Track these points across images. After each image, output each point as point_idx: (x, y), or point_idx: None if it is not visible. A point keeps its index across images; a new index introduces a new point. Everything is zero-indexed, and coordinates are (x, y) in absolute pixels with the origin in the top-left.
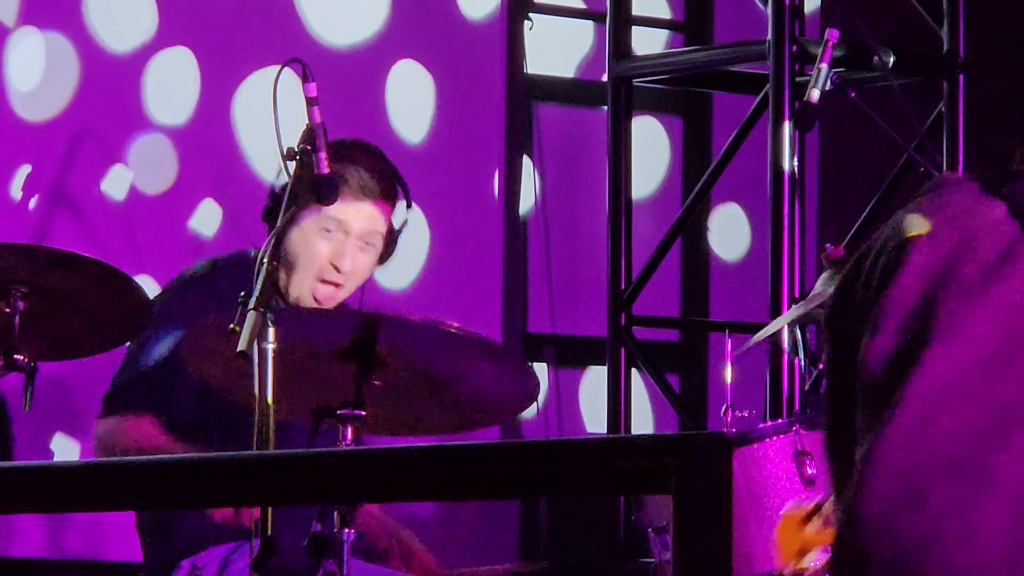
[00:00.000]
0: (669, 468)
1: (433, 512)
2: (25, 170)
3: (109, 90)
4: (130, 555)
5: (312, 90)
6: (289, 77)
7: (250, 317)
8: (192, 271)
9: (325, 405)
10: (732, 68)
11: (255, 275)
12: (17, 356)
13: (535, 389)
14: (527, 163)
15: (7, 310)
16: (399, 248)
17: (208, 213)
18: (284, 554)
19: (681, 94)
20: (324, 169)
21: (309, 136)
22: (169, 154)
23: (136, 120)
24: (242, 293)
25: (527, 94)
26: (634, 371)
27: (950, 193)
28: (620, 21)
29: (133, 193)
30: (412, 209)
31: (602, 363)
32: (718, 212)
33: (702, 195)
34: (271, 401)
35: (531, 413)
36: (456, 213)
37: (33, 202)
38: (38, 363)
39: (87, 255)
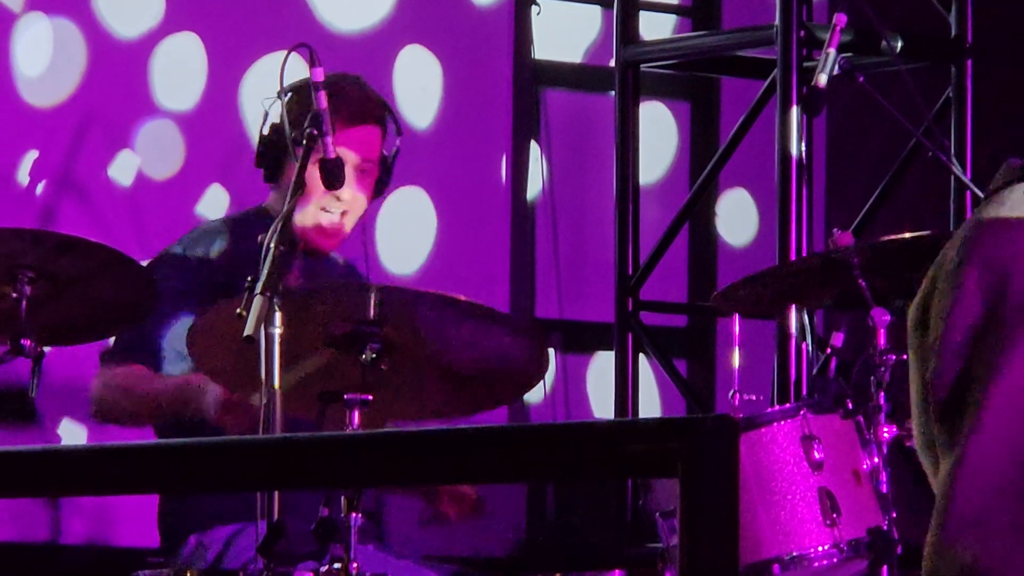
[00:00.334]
0: (676, 452)
1: None
2: (32, 155)
3: (116, 76)
4: (137, 541)
5: (319, 75)
6: (296, 62)
7: (257, 301)
8: (200, 230)
9: (331, 390)
10: (740, 53)
11: (262, 259)
12: (24, 341)
13: (545, 358)
14: (534, 148)
15: (14, 295)
16: (406, 233)
17: (215, 198)
18: (291, 539)
19: (688, 79)
20: (331, 153)
21: (316, 120)
22: (176, 140)
23: (143, 105)
24: (248, 278)
25: (534, 79)
26: (641, 356)
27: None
28: (627, 6)
29: (140, 178)
30: (402, 136)
31: (609, 348)
32: (725, 197)
33: (709, 180)
34: (278, 386)
35: (538, 398)
36: (463, 199)
37: (40, 187)
38: (45, 348)
39: (94, 240)
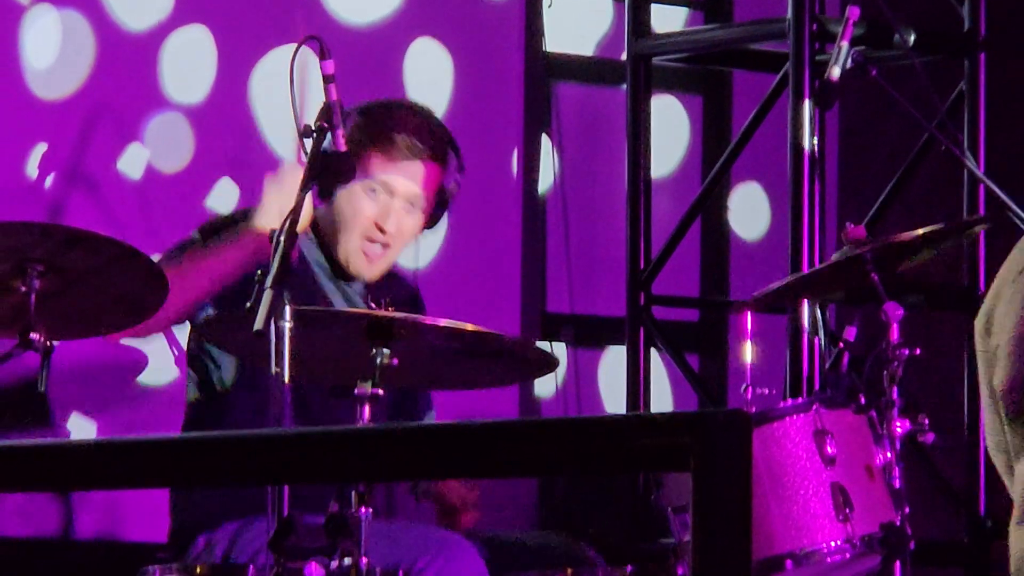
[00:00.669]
0: (689, 446)
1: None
2: (41, 149)
3: (125, 68)
4: (145, 536)
5: (329, 68)
6: (306, 55)
7: (266, 296)
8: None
9: (342, 384)
10: (752, 46)
11: (272, 253)
12: (33, 335)
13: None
14: (545, 142)
15: (23, 289)
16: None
17: (225, 191)
18: (301, 533)
19: (701, 72)
20: (341, 147)
21: (326, 114)
22: (186, 133)
23: (153, 98)
24: (258, 272)
25: (546, 72)
26: (653, 351)
27: None
28: None
29: (149, 171)
30: (464, 172)
31: (621, 343)
32: (738, 191)
33: (722, 174)
34: (287, 379)
35: (550, 393)
36: (474, 192)
37: (49, 181)
38: (54, 342)
39: (103, 234)
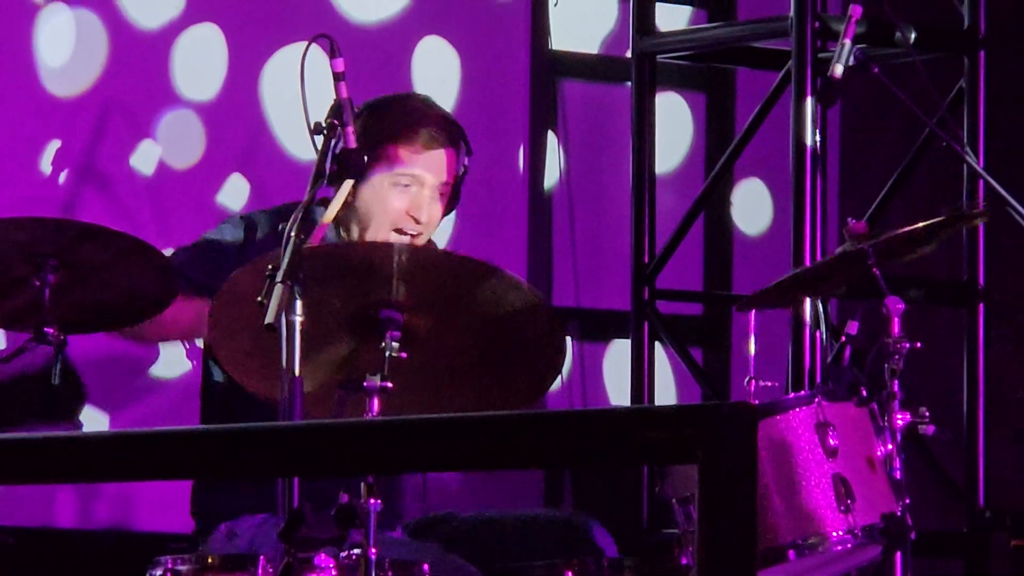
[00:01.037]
0: (695, 438)
1: None
2: (55, 145)
3: (138, 66)
4: (158, 526)
5: (339, 65)
6: (316, 53)
7: (277, 290)
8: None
9: (351, 378)
10: (755, 44)
11: (283, 248)
12: (47, 329)
13: (562, 343)
14: (552, 138)
15: (37, 283)
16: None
17: (235, 188)
18: (311, 524)
19: (704, 70)
20: (352, 143)
21: (336, 111)
22: (197, 129)
23: (164, 96)
24: (270, 267)
25: (552, 70)
26: (657, 344)
27: None
28: None
29: (161, 168)
30: (471, 156)
31: (626, 336)
32: (741, 187)
33: (725, 170)
34: (298, 373)
35: (556, 385)
36: (481, 188)
37: (62, 177)
38: (67, 336)
39: (116, 229)
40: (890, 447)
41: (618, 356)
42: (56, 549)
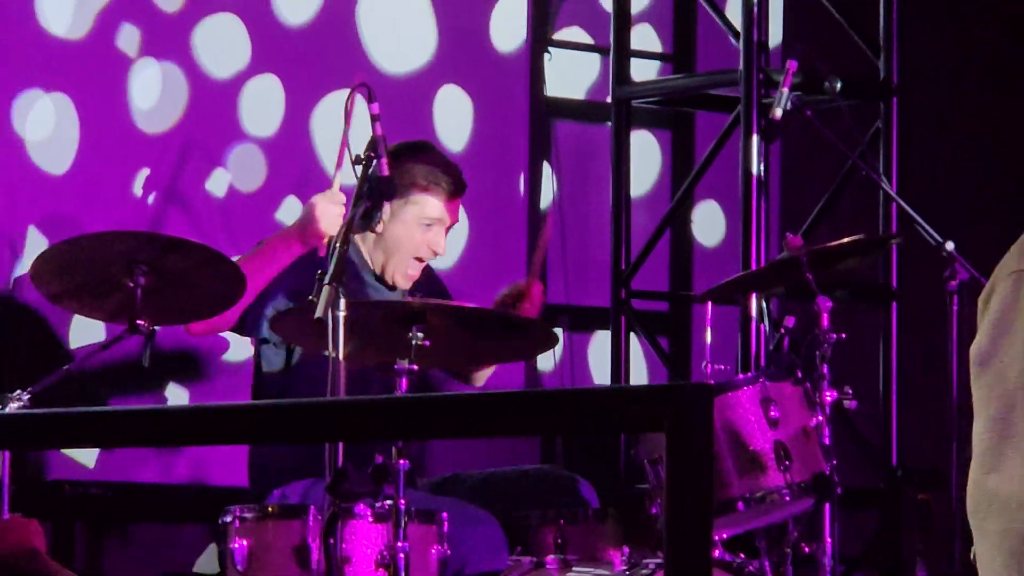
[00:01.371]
0: (663, 411)
1: None
2: (144, 173)
3: (212, 108)
4: (229, 480)
5: (376, 108)
6: (356, 98)
7: (325, 290)
8: None
9: (386, 361)
10: (711, 91)
11: (328, 256)
12: (139, 322)
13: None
14: (546, 168)
15: (131, 285)
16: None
17: (291, 208)
18: (352, 481)
19: (670, 112)
20: (385, 171)
21: (373, 145)
22: (260, 160)
23: (233, 132)
24: (319, 272)
25: (547, 112)
26: (632, 335)
27: None
28: (621, 53)
29: (231, 191)
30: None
31: (606, 328)
32: (700, 208)
33: (687, 194)
34: (343, 358)
35: (550, 368)
36: (489, 208)
37: (151, 198)
38: (155, 328)
39: (194, 241)
40: (820, 419)
41: (600, 345)
42: (143, 500)
